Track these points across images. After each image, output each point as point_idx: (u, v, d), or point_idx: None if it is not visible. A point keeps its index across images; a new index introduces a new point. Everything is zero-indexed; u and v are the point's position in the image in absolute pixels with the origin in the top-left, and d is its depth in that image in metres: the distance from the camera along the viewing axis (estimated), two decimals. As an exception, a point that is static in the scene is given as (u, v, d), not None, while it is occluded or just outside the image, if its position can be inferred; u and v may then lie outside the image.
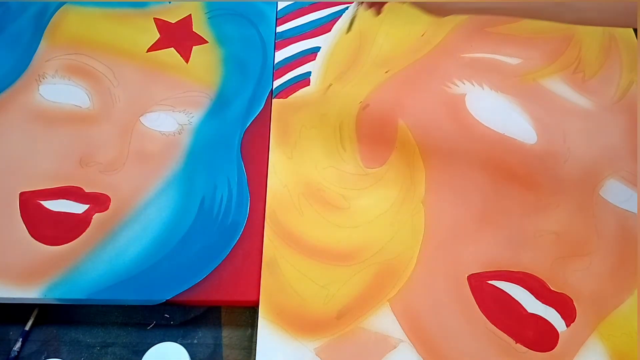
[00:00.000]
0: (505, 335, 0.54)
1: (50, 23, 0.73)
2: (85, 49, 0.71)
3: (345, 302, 0.55)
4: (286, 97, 0.68)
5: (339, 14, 0.75)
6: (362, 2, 0.60)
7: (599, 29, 0.74)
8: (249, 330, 0.57)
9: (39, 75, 0.68)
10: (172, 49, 0.72)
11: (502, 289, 0.56)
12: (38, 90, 0.67)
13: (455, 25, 0.75)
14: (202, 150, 0.64)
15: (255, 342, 0.53)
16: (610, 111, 0.68)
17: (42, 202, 0.60)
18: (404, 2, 0.58)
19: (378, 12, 0.60)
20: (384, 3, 0.59)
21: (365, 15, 0.58)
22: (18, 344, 0.55)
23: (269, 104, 0.68)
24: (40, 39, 0.71)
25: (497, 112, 0.68)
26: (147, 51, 0.71)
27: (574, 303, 0.56)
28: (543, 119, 0.67)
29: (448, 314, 0.55)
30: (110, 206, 0.60)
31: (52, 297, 0.54)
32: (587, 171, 0.64)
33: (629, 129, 0.67)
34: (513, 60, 0.72)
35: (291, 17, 0.76)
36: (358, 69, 0.71)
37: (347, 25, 0.65)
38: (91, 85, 0.68)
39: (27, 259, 0.56)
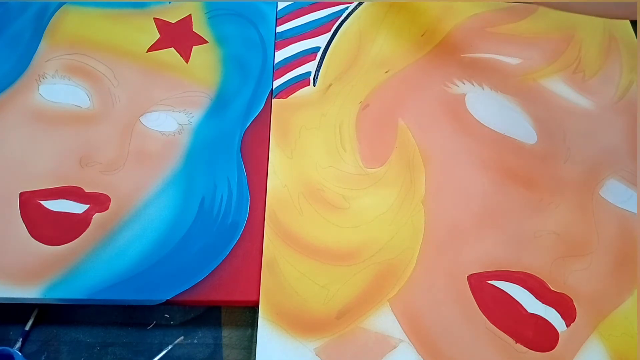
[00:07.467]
0: (505, 335, 0.54)
1: (50, 23, 0.73)
2: (85, 49, 0.71)
3: (345, 302, 0.55)
4: (286, 97, 0.68)
5: (339, 14, 0.75)
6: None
7: (599, 29, 0.74)
8: (249, 330, 0.57)
9: (39, 75, 0.68)
10: (172, 49, 0.72)
11: (502, 289, 0.56)
12: (38, 90, 0.67)
13: (455, 25, 0.75)
14: (202, 150, 0.64)
15: (255, 342, 0.53)
16: (610, 111, 0.68)
17: (42, 202, 0.60)
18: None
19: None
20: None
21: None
22: (18, 344, 0.55)
23: (269, 104, 0.68)
24: (40, 39, 0.71)
25: (497, 112, 0.68)
26: (147, 51, 0.71)
27: (574, 303, 0.56)
28: (543, 119, 0.67)
29: (448, 314, 0.55)
30: (110, 206, 0.60)
31: (52, 297, 0.54)
32: (587, 171, 0.64)
33: (629, 129, 0.67)
34: (513, 60, 0.72)
35: (291, 17, 0.76)
36: (358, 69, 0.71)
37: None
38: (91, 85, 0.68)
39: (27, 259, 0.56)
